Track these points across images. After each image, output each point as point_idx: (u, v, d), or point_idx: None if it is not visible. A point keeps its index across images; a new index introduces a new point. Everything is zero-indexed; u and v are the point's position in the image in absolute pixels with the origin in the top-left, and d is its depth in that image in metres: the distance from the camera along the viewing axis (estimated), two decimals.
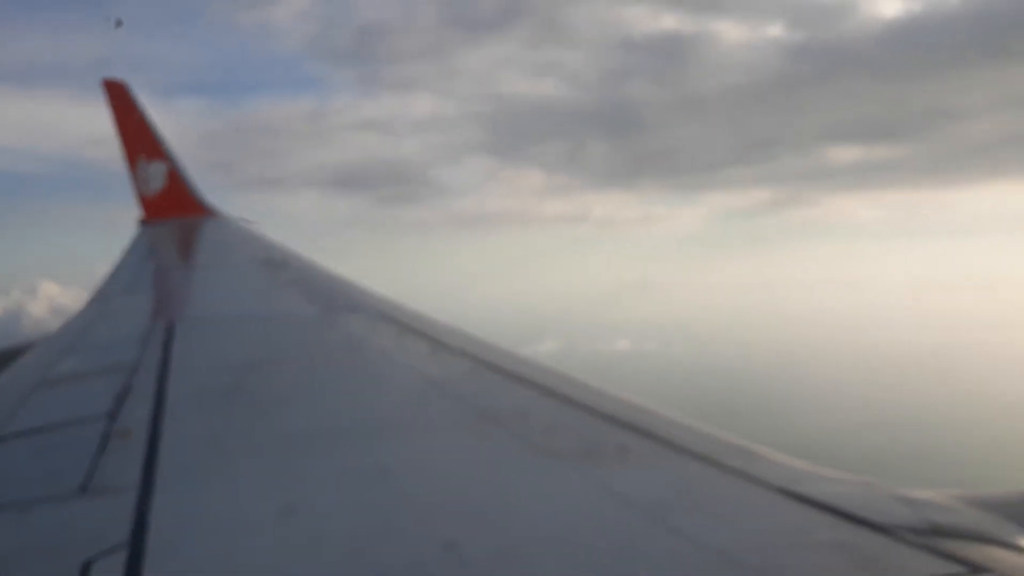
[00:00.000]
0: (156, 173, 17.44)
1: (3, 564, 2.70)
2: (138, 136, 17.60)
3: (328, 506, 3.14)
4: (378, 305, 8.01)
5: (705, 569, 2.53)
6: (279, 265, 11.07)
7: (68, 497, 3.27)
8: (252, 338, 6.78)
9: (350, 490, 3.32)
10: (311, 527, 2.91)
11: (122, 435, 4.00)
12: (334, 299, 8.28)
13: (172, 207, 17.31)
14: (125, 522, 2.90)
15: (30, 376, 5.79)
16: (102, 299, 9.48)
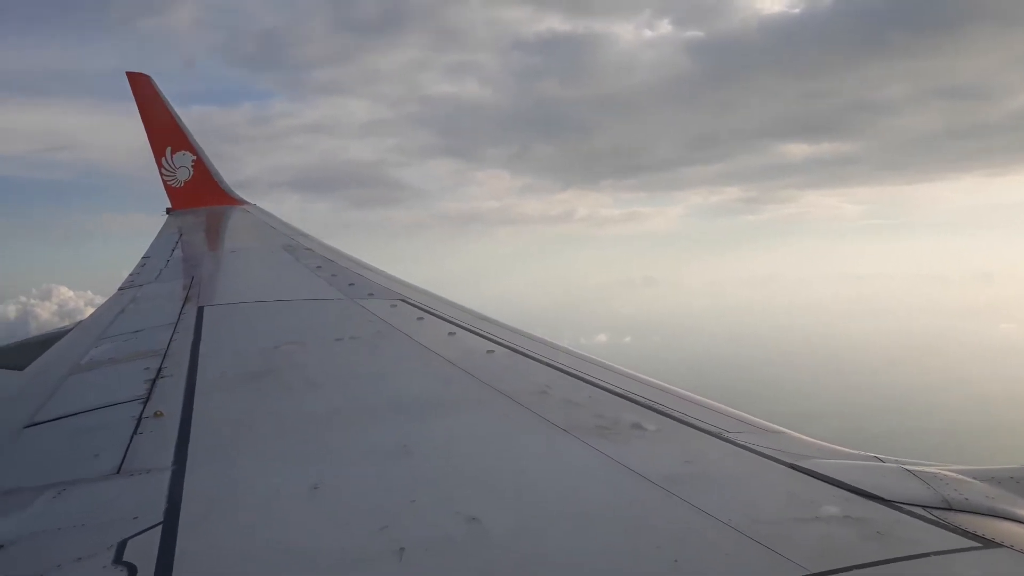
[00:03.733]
0: (183, 163, 17.60)
1: (43, 542, 2.80)
2: (164, 127, 17.70)
3: (355, 482, 3.23)
4: (400, 289, 8.10)
5: (718, 543, 2.59)
6: (305, 251, 11.18)
7: (105, 477, 3.39)
8: (280, 321, 6.89)
9: (376, 467, 3.41)
10: (338, 503, 3.00)
11: (155, 417, 4.12)
12: (359, 283, 8.36)
13: (199, 196, 17.47)
14: (160, 501, 3.01)
15: (65, 362, 5.93)
16: (133, 285, 9.65)
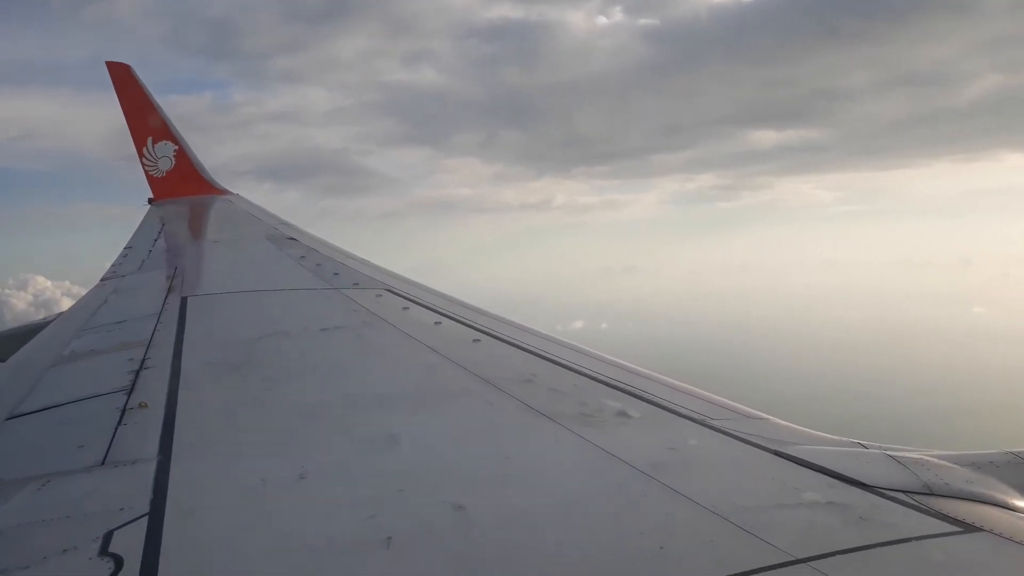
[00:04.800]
0: (164, 153, 17.45)
1: (28, 534, 2.79)
2: (145, 117, 17.53)
3: (341, 472, 3.23)
4: (385, 278, 8.09)
5: (703, 529, 2.62)
6: (288, 241, 11.13)
7: (89, 469, 3.37)
8: (265, 311, 6.87)
9: (362, 456, 3.42)
10: (325, 493, 3.01)
11: (139, 408, 4.10)
12: (343, 273, 8.34)
13: (181, 186, 17.36)
14: (145, 492, 3.00)
15: (48, 353, 5.89)
16: (116, 276, 9.58)
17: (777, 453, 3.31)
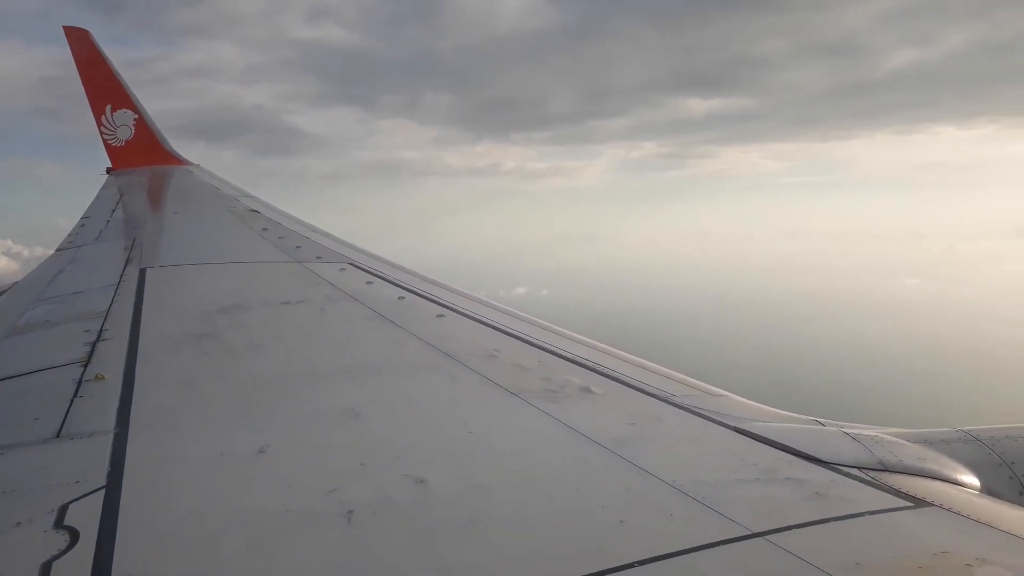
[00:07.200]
0: (123, 122, 17.06)
1: None
2: (103, 84, 17.11)
3: (302, 445, 3.22)
4: (348, 252, 8.03)
5: (663, 503, 2.65)
6: (251, 213, 10.99)
7: (44, 441, 3.32)
8: (226, 284, 6.78)
9: (324, 430, 3.40)
10: (286, 466, 2.99)
11: (96, 380, 4.03)
12: (306, 246, 8.27)
13: (141, 156, 17.00)
14: (102, 465, 2.96)
15: (1, 324, 5.77)
16: (72, 246, 9.39)
17: (737, 430, 3.36)
